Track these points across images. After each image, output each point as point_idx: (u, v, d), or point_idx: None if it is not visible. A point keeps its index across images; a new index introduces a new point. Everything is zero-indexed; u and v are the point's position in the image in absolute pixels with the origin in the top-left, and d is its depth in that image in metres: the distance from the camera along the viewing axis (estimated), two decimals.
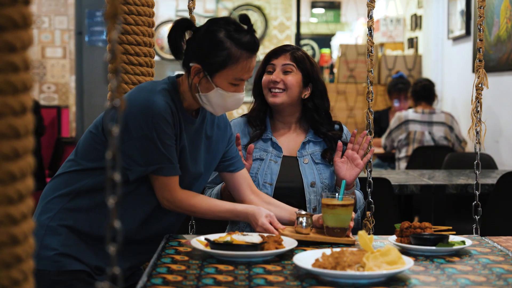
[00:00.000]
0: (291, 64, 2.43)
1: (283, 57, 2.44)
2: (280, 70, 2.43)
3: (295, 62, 2.44)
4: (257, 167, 2.42)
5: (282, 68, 2.43)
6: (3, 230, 0.90)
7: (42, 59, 7.75)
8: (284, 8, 8.37)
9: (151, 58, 2.30)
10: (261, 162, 2.42)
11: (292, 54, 2.44)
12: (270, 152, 2.44)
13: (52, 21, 7.75)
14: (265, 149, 2.45)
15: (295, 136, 2.49)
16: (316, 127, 2.46)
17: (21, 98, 0.92)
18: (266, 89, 2.44)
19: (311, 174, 2.41)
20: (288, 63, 2.43)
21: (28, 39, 0.92)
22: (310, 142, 2.47)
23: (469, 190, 3.57)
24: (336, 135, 2.46)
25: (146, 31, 2.26)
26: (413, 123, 5.13)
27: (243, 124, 2.51)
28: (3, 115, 0.90)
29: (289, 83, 2.41)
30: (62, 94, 7.77)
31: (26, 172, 0.93)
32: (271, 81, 2.42)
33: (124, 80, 2.22)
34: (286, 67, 2.43)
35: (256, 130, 2.47)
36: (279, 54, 2.45)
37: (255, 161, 2.42)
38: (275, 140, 2.46)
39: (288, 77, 2.42)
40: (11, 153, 0.90)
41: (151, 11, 2.29)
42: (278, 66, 2.43)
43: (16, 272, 0.92)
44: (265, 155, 2.43)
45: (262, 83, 2.46)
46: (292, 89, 2.42)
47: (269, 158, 2.43)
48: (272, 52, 2.48)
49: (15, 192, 0.91)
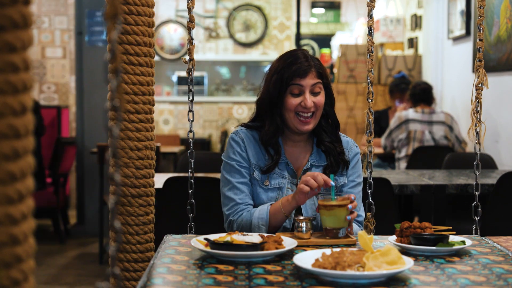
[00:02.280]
0: (319, 82, 2.24)
1: (310, 77, 2.23)
2: (309, 92, 2.23)
3: (321, 78, 2.25)
4: (274, 197, 2.26)
5: (311, 89, 2.23)
6: (3, 230, 0.90)
7: (42, 59, 7.75)
8: (284, 8, 8.37)
9: (151, 58, 2.30)
10: (279, 191, 2.26)
11: (317, 70, 2.24)
12: (286, 178, 2.27)
13: (52, 21, 7.75)
14: (281, 175, 2.28)
15: (302, 154, 2.32)
16: (320, 134, 2.31)
17: (21, 98, 0.92)
18: (292, 113, 2.23)
19: (311, 207, 2.25)
20: (316, 82, 2.23)
21: (28, 39, 0.92)
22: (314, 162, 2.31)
23: (469, 190, 3.57)
24: (337, 148, 2.29)
25: (146, 31, 2.26)
26: (413, 122, 5.13)
27: (254, 140, 2.31)
28: (3, 115, 0.90)
29: (320, 105, 2.24)
30: (62, 94, 7.77)
31: (26, 172, 0.93)
32: (301, 106, 2.22)
33: (124, 80, 2.22)
34: (315, 87, 2.24)
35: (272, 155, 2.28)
36: (306, 73, 2.22)
37: (272, 190, 2.27)
38: (291, 165, 2.29)
39: (317, 97, 2.24)
40: (11, 153, 0.90)
41: (151, 11, 2.28)
42: (307, 87, 2.22)
43: (16, 272, 0.92)
44: (283, 182, 2.27)
45: (288, 106, 2.23)
46: (321, 109, 2.26)
47: (286, 186, 2.26)
48: (296, 71, 2.22)
49: (15, 192, 0.91)
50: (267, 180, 2.27)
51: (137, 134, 2.25)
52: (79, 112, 6.40)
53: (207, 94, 8.33)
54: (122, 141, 2.23)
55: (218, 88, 8.44)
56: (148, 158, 2.28)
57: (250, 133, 2.33)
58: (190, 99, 2.39)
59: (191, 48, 2.41)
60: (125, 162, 2.23)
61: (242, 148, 2.29)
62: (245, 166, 2.29)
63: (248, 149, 2.29)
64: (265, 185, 2.26)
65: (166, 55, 8.26)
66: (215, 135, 8.31)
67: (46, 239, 6.05)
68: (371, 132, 2.38)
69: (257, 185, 2.28)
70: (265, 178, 2.27)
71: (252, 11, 8.32)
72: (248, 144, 2.30)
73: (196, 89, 8.20)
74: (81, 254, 5.62)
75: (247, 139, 2.31)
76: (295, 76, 2.21)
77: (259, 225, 2.18)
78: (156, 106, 4.53)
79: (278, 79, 2.23)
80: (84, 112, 6.33)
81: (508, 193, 3.42)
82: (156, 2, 4.28)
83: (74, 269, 5.12)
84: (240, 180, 2.28)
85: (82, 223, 6.41)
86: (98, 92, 6.24)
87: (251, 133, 2.33)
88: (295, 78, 2.21)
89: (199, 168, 3.63)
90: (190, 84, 2.41)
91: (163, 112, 8.30)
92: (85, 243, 6.04)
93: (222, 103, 8.36)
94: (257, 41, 8.32)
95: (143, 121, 2.26)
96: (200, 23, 8.29)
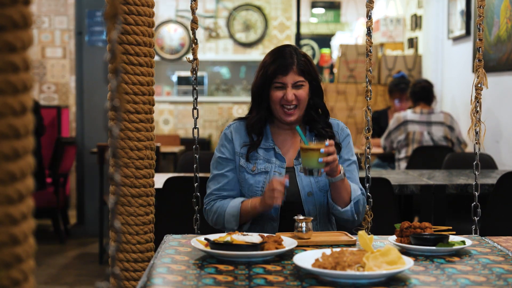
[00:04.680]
0: (301, 80, 2.37)
1: (292, 74, 2.37)
2: (291, 87, 2.37)
3: (303, 75, 2.38)
4: (262, 180, 2.37)
5: (293, 85, 2.37)
6: (3, 230, 0.90)
7: (42, 59, 7.75)
8: (284, 8, 8.37)
9: (151, 58, 2.29)
10: (266, 175, 2.37)
11: (299, 67, 2.37)
12: (273, 162, 2.39)
13: (52, 21, 7.75)
14: (268, 160, 2.40)
15: (294, 139, 2.45)
16: (312, 124, 2.43)
17: (21, 98, 0.92)
18: (277, 105, 2.38)
19: (307, 184, 2.37)
20: (298, 80, 2.37)
21: (28, 39, 0.92)
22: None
23: (469, 190, 3.56)
24: (328, 133, 2.41)
25: (146, 31, 2.26)
26: (411, 123, 5.12)
27: (244, 130, 2.46)
28: (3, 115, 0.90)
29: (302, 98, 2.37)
30: (62, 94, 7.77)
31: (26, 172, 0.93)
32: (284, 100, 2.37)
33: (124, 80, 2.22)
34: (297, 83, 2.37)
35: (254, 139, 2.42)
36: (288, 71, 2.36)
37: (260, 174, 2.38)
38: (278, 150, 2.42)
39: (299, 91, 2.37)
40: (11, 153, 0.90)
41: (151, 11, 2.28)
42: (289, 84, 2.37)
43: (16, 272, 0.92)
44: (269, 167, 2.39)
45: (272, 98, 2.38)
46: (304, 102, 2.39)
47: (273, 169, 2.38)
48: (278, 68, 2.38)
49: (15, 192, 0.91)
50: (254, 166, 2.39)
51: (137, 134, 2.25)
52: (79, 112, 6.40)
53: (207, 94, 8.33)
54: (122, 141, 2.23)
55: (218, 88, 8.44)
56: (148, 158, 2.28)
57: (242, 124, 2.47)
58: (194, 98, 2.51)
59: (195, 48, 2.49)
60: (125, 162, 2.23)
61: (228, 141, 2.44)
62: (228, 158, 2.43)
63: (234, 140, 2.44)
64: (252, 170, 2.38)
65: (166, 55, 8.25)
66: (215, 135, 8.31)
67: (46, 239, 6.05)
68: (369, 129, 2.41)
69: (244, 171, 2.40)
70: (252, 165, 2.40)
71: (252, 11, 8.32)
72: (235, 135, 2.44)
73: None
74: (81, 254, 5.62)
75: (236, 130, 2.45)
76: (277, 74, 2.37)
77: (231, 221, 2.33)
78: (156, 106, 4.53)
79: (264, 74, 2.40)
80: (84, 112, 6.32)
81: (508, 193, 3.42)
82: (156, 2, 4.28)
83: (74, 269, 5.12)
84: (219, 172, 2.43)
85: (82, 223, 6.41)
86: (98, 92, 6.24)
87: (243, 124, 2.47)
88: (278, 75, 2.37)
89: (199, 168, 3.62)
90: (194, 83, 2.51)
91: (163, 112, 8.30)
92: (85, 243, 6.04)
93: (222, 103, 8.36)
94: (257, 41, 8.31)
95: (143, 121, 2.26)
96: (200, 23, 8.29)
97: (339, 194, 2.30)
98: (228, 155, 2.42)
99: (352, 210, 2.32)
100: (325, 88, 6.58)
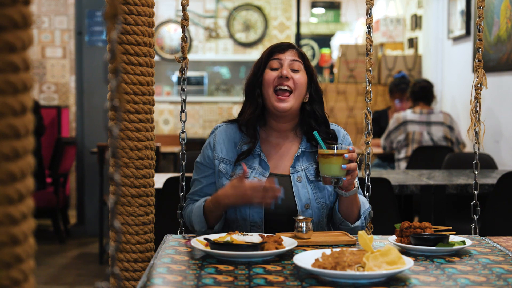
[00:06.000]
0: (298, 60, 2.23)
1: (290, 52, 2.23)
2: (288, 67, 2.21)
3: (302, 59, 2.24)
4: None
5: (290, 65, 2.21)
6: (3, 230, 0.90)
7: (42, 59, 7.75)
8: (284, 8, 8.37)
9: (151, 58, 2.29)
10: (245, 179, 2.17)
11: (298, 51, 2.25)
12: (254, 169, 2.24)
13: (52, 21, 7.75)
14: (250, 166, 2.24)
15: (289, 146, 2.29)
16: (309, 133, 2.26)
17: (21, 98, 0.92)
18: (271, 89, 2.21)
19: (305, 195, 2.20)
20: (296, 59, 2.22)
21: (28, 39, 0.92)
22: (304, 154, 2.28)
23: (469, 190, 3.57)
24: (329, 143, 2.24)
25: (146, 31, 2.25)
26: (411, 123, 5.12)
27: (229, 133, 2.30)
28: (3, 115, 0.90)
29: (299, 82, 2.20)
30: (62, 94, 7.77)
31: (26, 172, 0.93)
32: (279, 77, 2.19)
33: (124, 80, 2.22)
34: (294, 63, 2.22)
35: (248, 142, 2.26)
36: (286, 48, 2.24)
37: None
38: (264, 157, 2.25)
39: (296, 75, 2.21)
40: (11, 153, 0.90)
41: (151, 11, 2.28)
42: (286, 61, 2.21)
43: (16, 272, 0.92)
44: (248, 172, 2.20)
45: (266, 81, 2.22)
46: (301, 90, 2.21)
47: (253, 175, 2.21)
48: (277, 47, 2.25)
49: (15, 192, 0.91)
50: (233, 171, 2.24)
51: (137, 134, 2.25)
52: (79, 112, 6.40)
53: (207, 94, 8.33)
54: (122, 141, 2.23)
55: (218, 88, 8.43)
56: (148, 158, 2.28)
57: (229, 127, 2.32)
58: (182, 99, 2.36)
59: (184, 46, 2.37)
60: (125, 162, 2.23)
61: (210, 146, 2.31)
62: (204, 164, 2.31)
63: (216, 144, 2.29)
64: (231, 175, 2.24)
65: (166, 55, 8.25)
66: None
67: (46, 239, 6.06)
68: (370, 133, 2.37)
69: (223, 177, 2.25)
70: (230, 170, 2.25)
71: (252, 11, 8.32)
72: (219, 139, 2.29)
73: (196, 89, 8.20)
74: (81, 254, 5.62)
75: (221, 133, 2.30)
76: (274, 52, 2.25)
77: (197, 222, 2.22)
78: (156, 106, 4.53)
79: (260, 58, 2.29)
80: (84, 112, 6.33)
81: (508, 193, 3.42)
82: (156, 2, 4.28)
83: (74, 269, 5.12)
84: (196, 177, 2.34)
85: (82, 223, 6.41)
86: (98, 92, 6.24)
87: (230, 127, 2.32)
88: (275, 53, 2.25)
89: None
90: (182, 83, 2.37)
91: (163, 112, 8.30)
92: (85, 243, 6.04)
93: (222, 103, 8.35)
94: (257, 41, 8.31)
95: (143, 121, 2.26)
96: (200, 23, 8.29)
97: (350, 209, 2.19)
98: (205, 162, 2.31)
99: (362, 225, 2.24)
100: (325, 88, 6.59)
